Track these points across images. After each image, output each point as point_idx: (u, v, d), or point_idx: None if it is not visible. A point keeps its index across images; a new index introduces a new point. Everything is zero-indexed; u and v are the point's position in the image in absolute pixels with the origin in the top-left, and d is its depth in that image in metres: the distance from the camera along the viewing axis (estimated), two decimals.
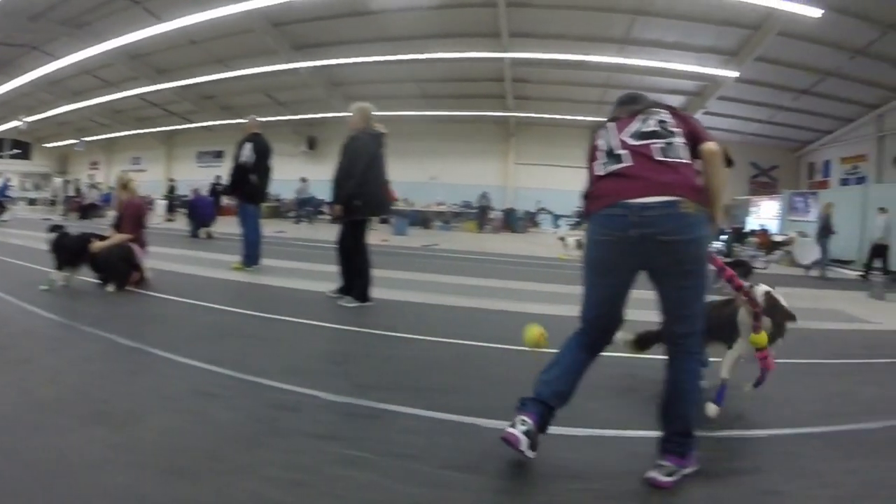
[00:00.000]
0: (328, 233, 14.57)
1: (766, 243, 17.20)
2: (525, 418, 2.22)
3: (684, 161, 2.23)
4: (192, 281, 6.68)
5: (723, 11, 14.14)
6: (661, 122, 2.31)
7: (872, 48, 15.54)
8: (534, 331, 3.13)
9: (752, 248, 17.17)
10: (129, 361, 3.42)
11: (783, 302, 3.01)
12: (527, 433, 2.17)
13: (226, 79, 20.85)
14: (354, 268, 5.64)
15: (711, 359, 3.23)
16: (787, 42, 15.43)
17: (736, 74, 16.77)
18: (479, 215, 21.35)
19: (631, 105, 2.51)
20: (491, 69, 18.56)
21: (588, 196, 2.43)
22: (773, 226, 20.54)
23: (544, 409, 2.28)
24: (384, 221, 18.76)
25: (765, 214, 22.01)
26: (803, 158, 25.09)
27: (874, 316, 7.46)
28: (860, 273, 12.64)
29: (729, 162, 2.42)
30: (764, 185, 24.90)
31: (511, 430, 2.19)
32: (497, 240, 17.01)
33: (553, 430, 2.31)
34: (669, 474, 2.16)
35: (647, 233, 2.13)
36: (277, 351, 3.93)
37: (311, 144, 25.64)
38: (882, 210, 12.85)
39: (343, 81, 21.28)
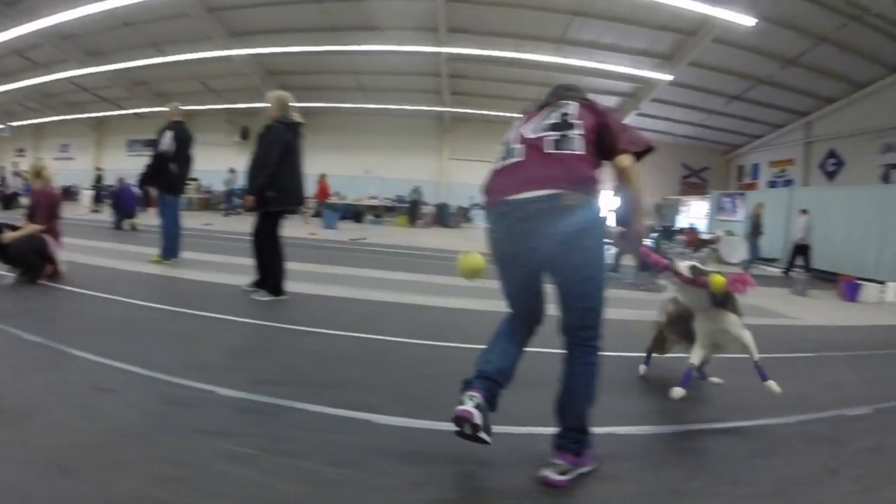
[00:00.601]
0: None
1: (694, 241, 17.75)
2: (473, 393, 2.11)
3: (576, 153, 2.18)
4: (107, 274, 6.43)
5: (659, 16, 14.45)
6: (564, 114, 2.28)
7: (804, 59, 16.23)
8: (470, 258, 2.59)
9: (680, 246, 17.66)
10: (29, 357, 3.31)
11: (710, 269, 3.10)
12: (477, 407, 2.06)
13: (159, 64, 19.94)
14: (268, 261, 5.48)
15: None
16: (721, 49, 15.93)
17: (670, 78, 17.20)
18: (410, 210, 21.13)
19: (548, 97, 2.47)
20: (428, 64, 18.47)
21: (484, 191, 2.45)
22: (701, 225, 21.25)
23: (491, 384, 2.19)
24: (317, 215, 18.56)
25: (694, 214, 22.77)
26: (733, 161, 26.06)
27: (795, 312, 7.78)
28: (783, 270, 13.11)
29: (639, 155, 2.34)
30: (694, 185, 25.77)
31: (461, 407, 2.07)
32: (427, 234, 16.94)
33: (449, 425, 2.17)
34: (563, 472, 2.13)
35: (531, 227, 2.12)
36: (181, 345, 3.86)
37: (245, 135, 24.92)
38: (803, 212, 13.40)
39: (279, 71, 20.80)
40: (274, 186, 5.27)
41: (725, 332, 3.17)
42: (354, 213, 20.95)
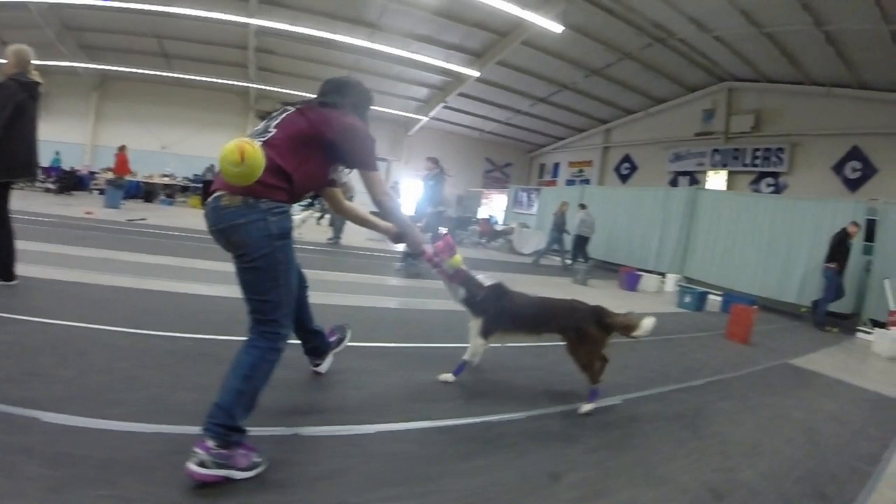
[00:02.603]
0: (36, 203, 12.51)
1: (488, 231, 18.61)
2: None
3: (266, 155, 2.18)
4: None
5: (475, 13, 14.76)
6: (268, 122, 2.39)
7: (608, 70, 17.73)
8: (236, 146, 2.05)
9: (474, 236, 18.50)
10: None
11: (472, 274, 3.40)
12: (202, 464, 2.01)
13: None
14: None
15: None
16: (530, 52, 16.87)
17: (477, 74, 17.76)
18: (203, 190, 19.34)
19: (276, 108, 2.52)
20: (236, 35, 17.20)
21: None
22: (500, 217, 22.43)
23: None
24: (102, 193, 16.53)
25: (495, 206, 23.98)
26: (536, 159, 27.98)
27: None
28: (565, 261, 14.13)
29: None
30: (497, 179, 27.23)
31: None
32: None
33: (97, 422, 2.08)
34: (202, 464, 1.96)
35: (209, 224, 2.28)
36: None
37: None
38: (582, 206, 14.53)
39: (78, 26, 18.06)
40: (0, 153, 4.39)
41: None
42: (146, 193, 18.76)
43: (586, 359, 3.34)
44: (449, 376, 3.46)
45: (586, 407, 3.27)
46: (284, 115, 2.39)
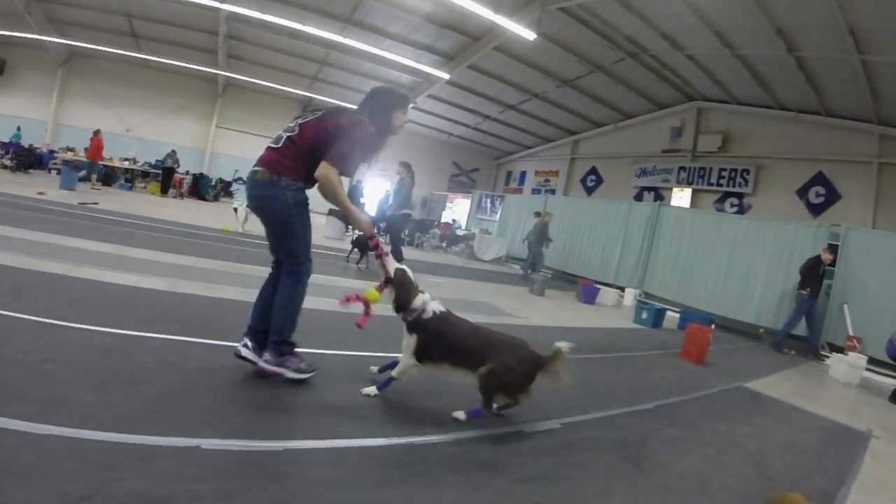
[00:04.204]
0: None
1: (449, 236, 18.34)
2: (245, 341, 3.13)
3: (287, 146, 3.03)
4: None
5: (449, 15, 14.47)
6: (296, 118, 3.19)
7: (579, 82, 17.60)
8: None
9: (435, 239, 18.22)
10: None
11: (411, 276, 3.23)
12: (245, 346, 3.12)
13: None
14: None
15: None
16: (502, 58, 16.66)
17: (447, 77, 17.45)
18: (163, 177, 18.65)
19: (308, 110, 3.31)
20: (207, 19, 16.62)
21: None
22: (463, 222, 22.21)
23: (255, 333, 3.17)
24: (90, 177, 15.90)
25: (459, 210, 23.75)
26: (503, 166, 27.86)
27: (525, 311, 7.94)
28: (522, 270, 13.93)
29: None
30: (463, 184, 27.03)
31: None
32: (174, 206, 15.09)
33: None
34: (266, 362, 3.04)
35: (247, 190, 3.11)
36: None
37: (1, 69, 20.56)
38: (537, 214, 14.33)
39: None
40: None
41: None
42: (106, 176, 17.92)
43: (495, 389, 3.04)
44: (372, 389, 3.13)
45: (459, 414, 3.05)
46: (310, 118, 3.12)
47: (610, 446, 3.12)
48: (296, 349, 3.11)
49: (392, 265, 3.21)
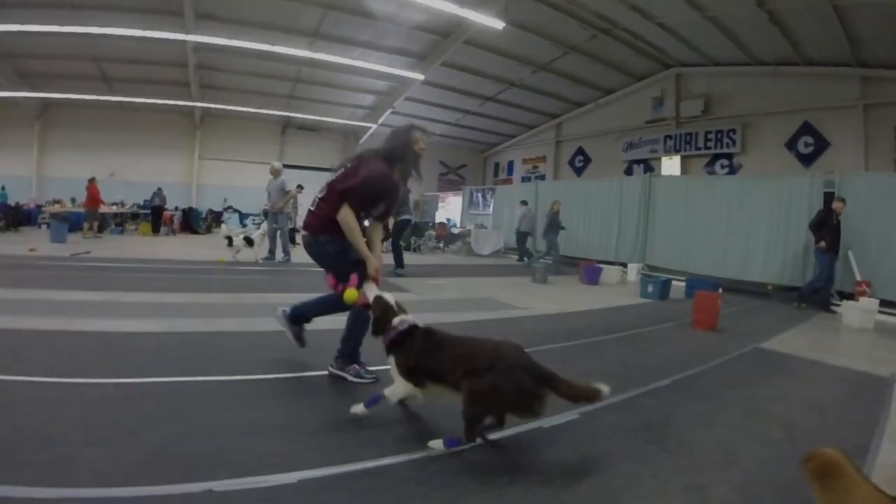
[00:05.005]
0: None
1: (444, 235, 18.28)
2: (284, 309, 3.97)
3: (319, 206, 3.54)
4: None
5: (415, 16, 14.38)
6: (342, 167, 3.62)
7: (554, 65, 17.50)
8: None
9: (432, 241, 18.14)
10: None
11: (391, 301, 3.07)
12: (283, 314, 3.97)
13: None
14: None
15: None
16: (474, 51, 16.55)
17: (422, 77, 17.39)
18: (153, 216, 18.63)
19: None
20: (175, 52, 16.48)
21: None
22: (458, 219, 22.15)
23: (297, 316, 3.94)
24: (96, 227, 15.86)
25: (452, 209, 23.68)
26: (490, 158, 27.79)
27: (528, 301, 7.88)
28: (518, 258, 13.86)
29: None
30: (452, 182, 26.95)
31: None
32: (167, 243, 15.02)
33: None
34: (332, 366, 3.67)
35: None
36: None
37: None
38: (523, 202, 14.27)
39: (12, 53, 17.00)
40: None
41: None
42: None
43: (475, 415, 2.60)
44: (359, 407, 2.90)
45: (436, 444, 2.63)
46: (338, 173, 3.56)
47: (633, 430, 3.04)
48: (356, 358, 3.65)
49: (372, 293, 3.15)
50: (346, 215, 3.31)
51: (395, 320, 2.96)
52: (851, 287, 8.87)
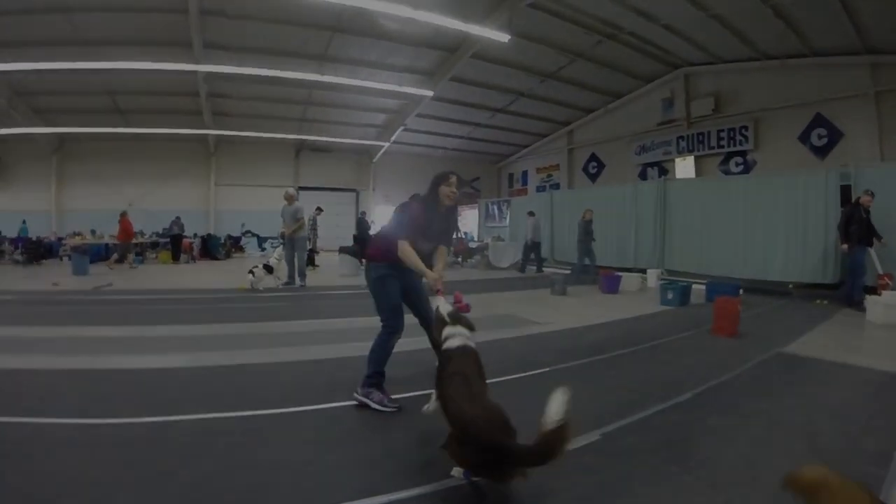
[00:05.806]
0: (3, 278, 12.03)
1: (463, 250, 18.31)
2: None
3: (373, 240, 4.20)
4: None
5: (421, 33, 14.58)
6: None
7: (562, 73, 17.59)
8: None
9: (450, 256, 18.14)
10: None
11: (442, 312, 3.23)
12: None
13: None
14: None
15: None
16: (481, 65, 16.73)
17: (431, 93, 17.55)
18: (172, 244, 18.92)
19: None
20: (186, 82, 16.87)
21: None
22: (475, 233, 22.16)
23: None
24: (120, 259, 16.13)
25: (469, 223, 23.69)
26: (504, 169, 27.82)
27: (549, 315, 7.87)
28: (520, 268, 13.89)
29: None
30: (468, 195, 26.95)
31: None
32: (188, 271, 15.26)
33: None
34: (356, 392, 3.74)
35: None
36: None
37: None
38: (531, 213, 14.28)
39: (27, 91, 17.62)
40: None
41: None
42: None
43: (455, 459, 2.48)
44: (457, 470, 2.54)
45: (457, 472, 2.53)
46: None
47: (653, 450, 3.05)
48: (380, 386, 3.74)
49: (437, 303, 3.42)
50: (401, 246, 3.63)
51: (445, 332, 3.04)
52: (874, 280, 8.75)
